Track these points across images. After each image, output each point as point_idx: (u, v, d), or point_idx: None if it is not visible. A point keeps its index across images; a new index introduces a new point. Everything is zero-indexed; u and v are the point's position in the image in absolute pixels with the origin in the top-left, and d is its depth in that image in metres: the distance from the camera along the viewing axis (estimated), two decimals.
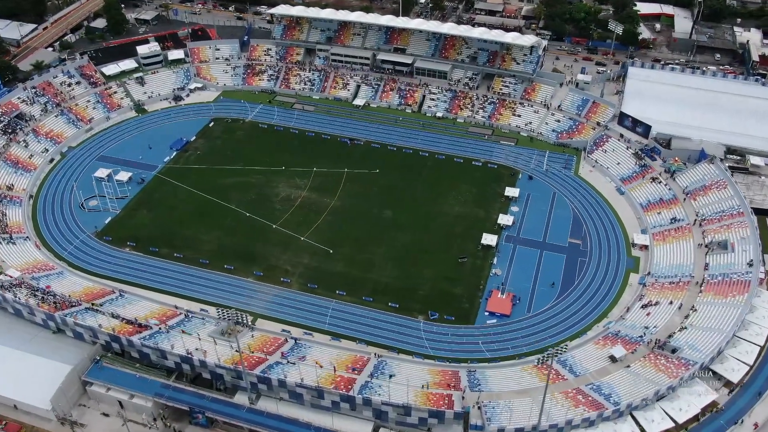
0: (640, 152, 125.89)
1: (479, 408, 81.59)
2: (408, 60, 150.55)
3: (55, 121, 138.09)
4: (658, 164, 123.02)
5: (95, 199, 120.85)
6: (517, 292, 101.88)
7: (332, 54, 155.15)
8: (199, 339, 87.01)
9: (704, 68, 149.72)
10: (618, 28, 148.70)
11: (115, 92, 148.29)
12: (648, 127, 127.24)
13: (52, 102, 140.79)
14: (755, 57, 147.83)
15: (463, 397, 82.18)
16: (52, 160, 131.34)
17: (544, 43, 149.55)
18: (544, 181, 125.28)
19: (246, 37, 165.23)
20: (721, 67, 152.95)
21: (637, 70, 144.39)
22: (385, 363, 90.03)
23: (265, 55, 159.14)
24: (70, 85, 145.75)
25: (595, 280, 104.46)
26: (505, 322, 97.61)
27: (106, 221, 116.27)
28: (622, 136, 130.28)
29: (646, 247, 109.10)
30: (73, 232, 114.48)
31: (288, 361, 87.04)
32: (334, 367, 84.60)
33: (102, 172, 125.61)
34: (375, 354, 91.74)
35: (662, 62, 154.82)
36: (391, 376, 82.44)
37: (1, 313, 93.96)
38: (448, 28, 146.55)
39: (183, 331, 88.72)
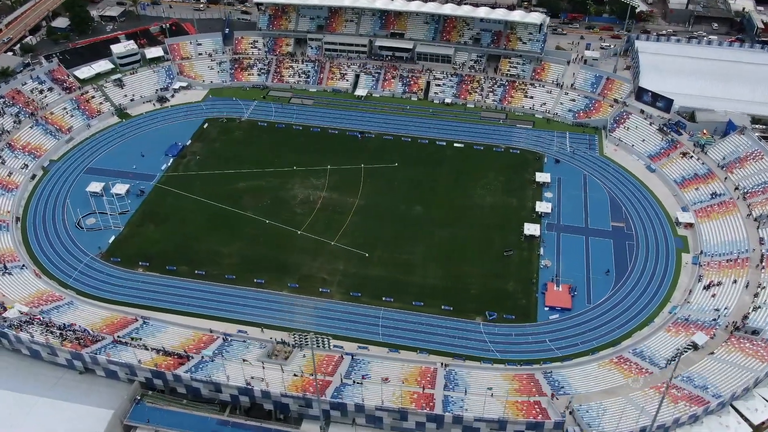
0: (664, 127, 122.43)
1: (571, 413, 75.90)
2: (408, 45, 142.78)
3: (31, 133, 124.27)
4: (684, 139, 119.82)
5: (93, 217, 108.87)
6: (572, 282, 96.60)
7: (325, 43, 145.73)
8: (264, 367, 77.86)
9: (708, 38, 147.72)
10: (635, 1, 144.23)
11: (93, 97, 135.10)
12: (669, 101, 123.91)
13: (24, 112, 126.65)
14: (760, 25, 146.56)
15: (552, 404, 76.25)
16: (33, 177, 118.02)
17: (548, 19, 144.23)
18: (571, 164, 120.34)
19: (227, 30, 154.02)
20: (725, 37, 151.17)
21: (646, 44, 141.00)
22: (454, 373, 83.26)
23: (251, 47, 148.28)
24: (41, 92, 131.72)
25: (648, 263, 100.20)
26: (568, 317, 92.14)
27: (110, 240, 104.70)
28: (642, 111, 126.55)
29: (691, 225, 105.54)
30: (74, 255, 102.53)
31: (354, 381, 79.18)
32: (423, 387, 77.06)
33: (95, 186, 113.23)
34: (442, 364, 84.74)
35: (655, 34, 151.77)
36: (489, 389, 75.39)
37: (14, 356, 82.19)
38: (450, 9, 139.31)
39: (244, 360, 79.34)
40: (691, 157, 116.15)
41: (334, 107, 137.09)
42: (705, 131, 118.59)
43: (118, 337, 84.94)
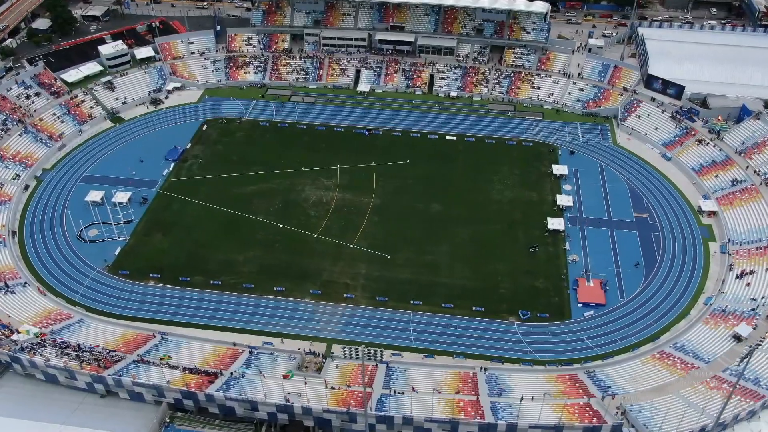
0: (677, 114, 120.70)
1: (623, 414, 73.28)
2: (410, 38, 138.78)
3: (20, 141, 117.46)
4: (698, 125, 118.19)
5: (95, 228, 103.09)
6: (603, 277, 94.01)
7: (323, 38, 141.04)
8: (305, 383, 73.45)
9: (710, 23, 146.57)
10: None
11: (83, 101, 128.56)
12: (680, 88, 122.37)
13: (11, 119, 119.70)
14: (761, 8, 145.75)
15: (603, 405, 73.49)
16: (27, 188, 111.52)
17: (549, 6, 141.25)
18: (586, 155, 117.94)
19: (218, 27, 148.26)
20: (728, 22, 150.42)
21: (650, 30, 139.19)
22: (495, 377, 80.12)
23: (246, 45, 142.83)
24: (28, 97, 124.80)
25: (677, 254, 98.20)
26: (602, 312, 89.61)
27: (116, 252, 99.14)
28: (653, 99, 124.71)
29: (714, 213, 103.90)
30: (79, 269, 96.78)
31: (395, 392, 75.50)
32: (477, 395, 73.54)
33: (94, 195, 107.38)
34: (481, 368, 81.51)
35: (650, 20, 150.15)
36: (545, 395, 72.28)
37: (27, 381, 76.76)
38: (453, 0, 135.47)
39: (285, 376, 74.84)
40: (707, 143, 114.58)
41: (336, 104, 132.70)
42: (720, 117, 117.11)
43: (139, 355, 79.86)
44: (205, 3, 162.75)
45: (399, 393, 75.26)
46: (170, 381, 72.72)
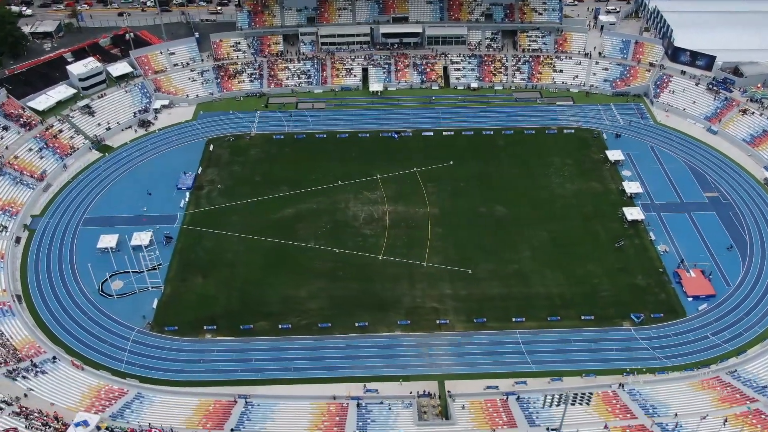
0: (712, 86, 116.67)
1: None
2: (417, 29, 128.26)
3: None
4: (738, 95, 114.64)
5: (119, 279, 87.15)
6: (703, 265, 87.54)
7: (321, 36, 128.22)
8: None
9: None
10: None
11: (61, 131, 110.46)
12: (710, 59, 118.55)
13: None
14: None
15: None
16: (18, 240, 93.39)
17: None
18: (632, 137, 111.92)
19: (196, 34, 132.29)
20: None
21: (660, 2, 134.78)
22: (637, 392, 71.89)
23: (234, 50, 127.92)
24: None
25: (763, 231, 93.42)
26: (716, 304, 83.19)
27: (154, 305, 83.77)
28: (683, 72, 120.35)
29: None
30: (114, 331, 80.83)
31: (549, 428, 65.74)
32: (638, 423, 64.51)
33: (107, 240, 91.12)
34: (619, 384, 73.05)
35: None
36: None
37: None
38: None
39: None
40: (753, 113, 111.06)
41: (351, 107, 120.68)
42: (759, 85, 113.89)
43: (233, 430, 66.17)
44: (218, 9, 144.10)
45: (553, 429, 65.56)
46: None
